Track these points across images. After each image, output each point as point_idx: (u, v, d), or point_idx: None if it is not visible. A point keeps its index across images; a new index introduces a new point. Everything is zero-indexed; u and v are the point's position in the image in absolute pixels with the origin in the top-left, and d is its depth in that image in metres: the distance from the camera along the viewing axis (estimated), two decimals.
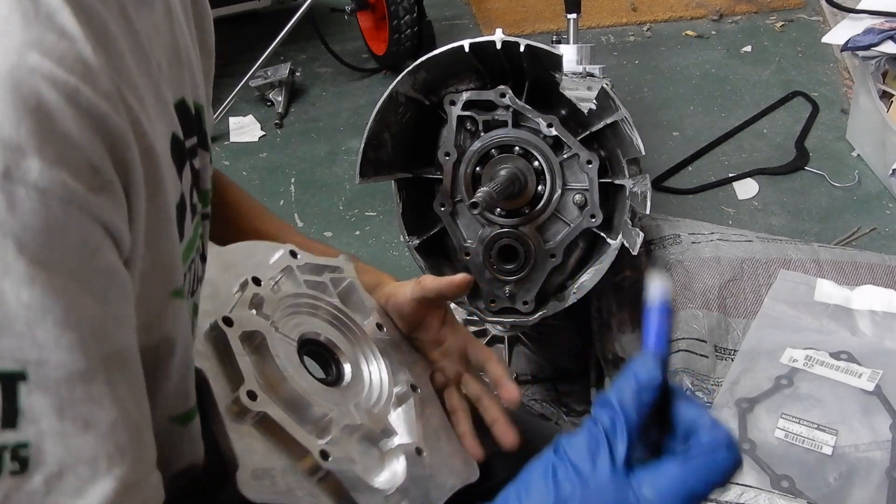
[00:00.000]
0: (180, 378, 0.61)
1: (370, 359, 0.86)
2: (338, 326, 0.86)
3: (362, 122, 1.63)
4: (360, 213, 2.26)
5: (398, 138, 1.63)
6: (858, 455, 1.40)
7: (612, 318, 1.77)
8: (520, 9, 3.03)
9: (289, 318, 0.82)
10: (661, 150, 2.35)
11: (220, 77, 2.93)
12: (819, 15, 2.87)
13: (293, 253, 0.87)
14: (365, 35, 2.85)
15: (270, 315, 0.79)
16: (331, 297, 0.87)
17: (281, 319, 0.80)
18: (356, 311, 0.89)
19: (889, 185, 2.13)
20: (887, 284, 1.68)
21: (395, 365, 0.87)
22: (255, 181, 2.40)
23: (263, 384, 0.73)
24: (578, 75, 1.66)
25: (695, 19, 2.93)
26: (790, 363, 1.55)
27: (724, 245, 1.77)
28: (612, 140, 1.57)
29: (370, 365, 0.86)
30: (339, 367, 0.84)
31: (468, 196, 1.61)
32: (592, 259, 1.64)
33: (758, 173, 2.26)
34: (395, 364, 0.87)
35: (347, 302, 0.89)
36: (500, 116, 1.59)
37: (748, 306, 1.68)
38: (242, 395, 0.69)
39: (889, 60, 2.13)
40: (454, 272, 1.74)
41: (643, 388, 0.57)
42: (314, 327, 0.84)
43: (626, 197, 1.55)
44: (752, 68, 2.67)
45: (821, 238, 2.00)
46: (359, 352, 0.86)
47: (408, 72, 1.56)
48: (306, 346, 0.82)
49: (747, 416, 1.48)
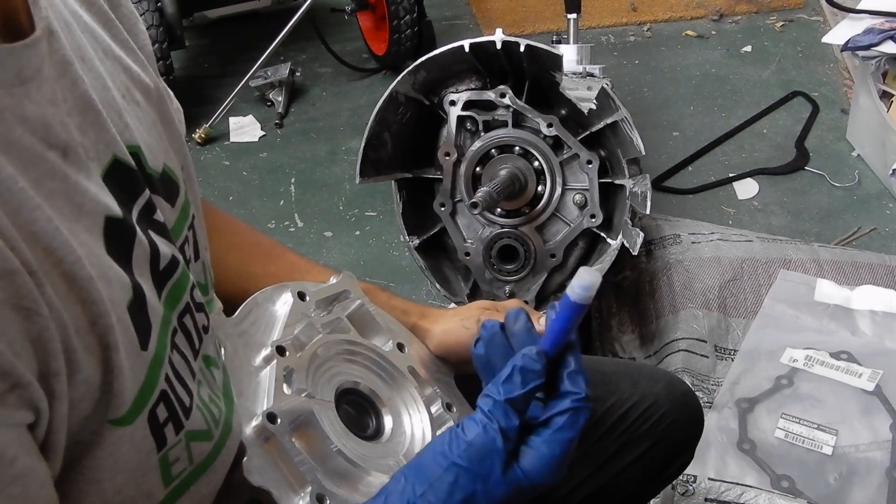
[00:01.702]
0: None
1: (408, 402, 0.84)
2: (368, 367, 0.83)
3: (362, 122, 1.63)
4: (360, 213, 2.26)
5: (398, 138, 1.63)
6: (858, 455, 1.40)
7: (612, 318, 1.77)
8: (520, 9, 3.03)
9: (320, 375, 0.79)
10: (661, 150, 2.34)
11: (221, 77, 2.93)
12: (819, 15, 2.87)
13: (301, 295, 0.82)
14: (365, 35, 2.84)
15: (305, 383, 0.75)
16: (348, 332, 0.84)
17: (315, 381, 0.77)
18: (371, 333, 0.86)
19: (889, 185, 2.13)
20: (887, 284, 1.68)
21: (423, 385, 0.85)
22: (255, 181, 2.40)
23: (319, 465, 0.71)
24: (578, 75, 1.66)
25: (695, 19, 2.93)
26: (790, 363, 1.55)
27: (724, 245, 1.77)
28: (612, 140, 1.57)
29: (409, 408, 0.83)
30: (380, 418, 0.81)
31: (468, 196, 1.61)
32: (592, 259, 1.64)
33: (758, 173, 2.26)
34: (423, 384, 0.85)
35: (362, 328, 0.86)
36: (500, 116, 1.59)
37: (748, 306, 1.68)
38: (312, 500, 0.69)
39: (889, 60, 2.13)
40: (454, 272, 1.76)
41: (529, 387, 0.62)
42: (348, 375, 0.81)
43: (626, 197, 1.55)
44: (752, 68, 2.67)
45: (821, 238, 2.00)
46: (396, 395, 0.83)
47: (408, 72, 1.56)
48: (343, 396, 0.80)
49: (747, 416, 1.48)
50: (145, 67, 0.67)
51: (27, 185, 0.49)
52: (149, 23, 2.32)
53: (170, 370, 0.58)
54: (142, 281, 0.56)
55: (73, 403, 0.50)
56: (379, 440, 0.80)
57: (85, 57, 0.59)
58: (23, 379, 0.46)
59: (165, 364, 0.57)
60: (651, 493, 1.07)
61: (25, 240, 0.47)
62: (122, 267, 0.55)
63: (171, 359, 0.58)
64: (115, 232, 0.55)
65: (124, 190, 0.58)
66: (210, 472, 0.64)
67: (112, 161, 0.57)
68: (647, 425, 0.96)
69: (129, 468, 0.55)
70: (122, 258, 0.55)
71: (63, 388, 0.49)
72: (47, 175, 0.51)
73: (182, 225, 0.66)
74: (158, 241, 0.60)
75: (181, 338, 0.61)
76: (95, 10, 0.64)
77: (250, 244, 0.94)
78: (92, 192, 0.54)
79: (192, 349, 0.63)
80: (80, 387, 0.50)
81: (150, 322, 0.56)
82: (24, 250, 0.47)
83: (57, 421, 0.50)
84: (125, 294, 0.54)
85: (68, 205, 0.52)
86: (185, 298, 0.62)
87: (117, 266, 0.54)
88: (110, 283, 0.53)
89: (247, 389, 0.73)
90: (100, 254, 0.53)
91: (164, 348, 0.58)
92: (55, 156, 0.52)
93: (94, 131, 0.56)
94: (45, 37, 0.53)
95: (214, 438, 0.63)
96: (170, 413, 0.57)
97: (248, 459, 0.67)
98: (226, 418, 0.66)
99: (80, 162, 0.54)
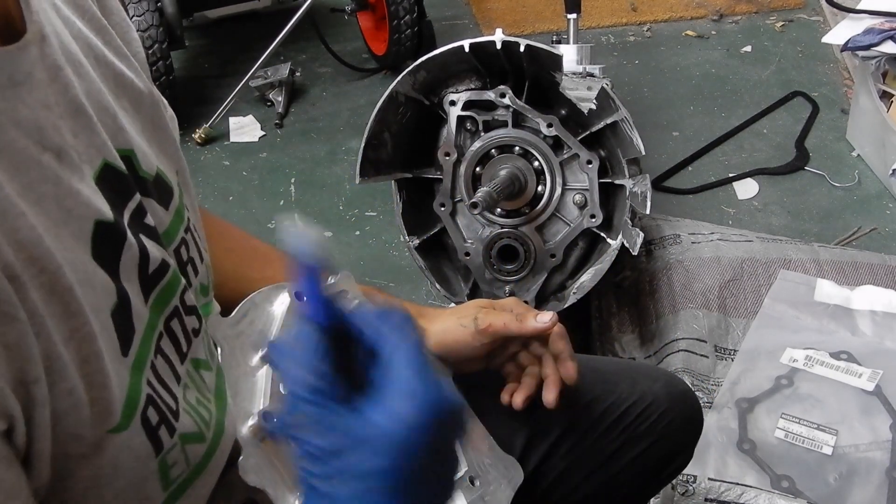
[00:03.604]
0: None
1: None
2: None
3: (362, 122, 1.63)
4: (360, 213, 2.26)
5: (398, 138, 1.63)
6: (858, 455, 1.40)
7: (612, 318, 1.77)
8: (520, 9, 3.03)
9: None
10: (661, 150, 2.34)
11: (221, 77, 2.93)
12: (819, 15, 2.87)
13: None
14: (365, 35, 2.84)
15: None
16: None
17: None
18: None
19: (889, 185, 2.13)
20: (887, 284, 1.68)
21: None
22: (255, 181, 2.40)
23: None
24: (578, 75, 1.65)
25: (695, 19, 2.93)
26: (790, 363, 1.55)
27: (724, 245, 1.77)
28: (612, 140, 1.57)
29: None
30: None
31: (468, 196, 1.61)
32: (592, 259, 1.64)
33: (758, 173, 2.26)
34: None
35: None
36: (500, 116, 1.59)
37: (748, 306, 1.68)
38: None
39: (889, 60, 2.13)
40: (454, 272, 1.76)
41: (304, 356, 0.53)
42: None
43: (626, 197, 1.55)
44: (752, 68, 2.67)
45: (821, 238, 2.00)
46: None
47: (408, 72, 1.56)
48: None
49: (747, 416, 1.48)
50: (138, 73, 0.68)
51: (14, 190, 0.49)
52: (149, 23, 2.32)
53: (152, 375, 0.58)
54: (128, 286, 0.56)
55: (59, 414, 0.50)
56: None
57: (77, 62, 0.59)
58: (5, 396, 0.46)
59: (147, 369, 0.57)
60: (650, 493, 1.07)
61: (10, 245, 0.47)
62: (108, 272, 0.55)
63: (153, 363, 0.58)
64: (104, 236, 0.55)
65: (116, 193, 0.58)
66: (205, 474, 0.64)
67: (103, 165, 0.58)
68: (645, 424, 0.96)
69: (129, 474, 0.56)
70: (108, 263, 0.55)
71: (44, 395, 0.49)
72: (40, 178, 0.51)
73: (177, 228, 0.66)
74: (149, 245, 0.60)
75: (167, 342, 0.61)
76: (88, 18, 0.65)
77: (246, 248, 0.93)
78: (84, 194, 0.54)
79: (178, 353, 0.63)
80: (65, 397, 0.50)
81: (134, 327, 0.56)
82: (8, 254, 0.47)
83: (40, 429, 0.49)
84: (109, 299, 0.54)
85: (58, 209, 0.52)
86: (173, 302, 0.62)
87: (102, 271, 0.54)
88: (94, 288, 0.53)
89: (243, 389, 0.72)
90: (85, 259, 0.53)
91: (146, 353, 0.58)
92: (50, 158, 0.52)
93: (86, 135, 0.57)
94: (36, 41, 0.54)
95: (207, 440, 0.63)
96: (160, 416, 0.57)
97: (243, 459, 0.67)
98: (217, 420, 0.66)
99: (73, 164, 0.54)
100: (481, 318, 0.88)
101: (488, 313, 0.89)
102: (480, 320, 0.88)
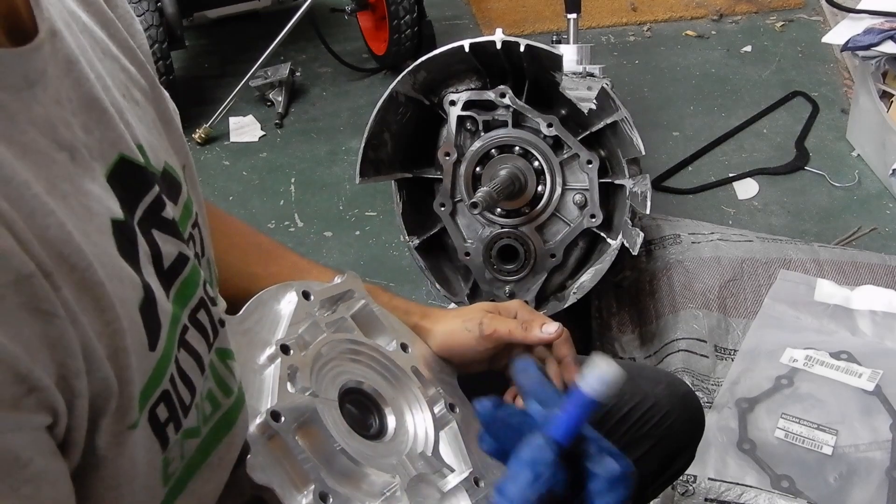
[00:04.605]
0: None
1: (412, 401, 0.83)
2: (371, 366, 0.83)
3: (362, 122, 1.63)
4: (360, 213, 2.26)
5: (398, 138, 1.63)
6: (858, 455, 1.40)
7: (612, 318, 1.77)
8: (520, 9, 3.03)
9: (324, 374, 0.78)
10: (661, 150, 2.34)
11: (221, 77, 2.93)
12: (819, 15, 2.87)
13: (306, 294, 0.82)
14: (365, 35, 2.84)
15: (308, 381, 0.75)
16: (353, 332, 0.84)
17: (319, 380, 0.77)
18: (375, 333, 0.86)
19: (889, 185, 2.13)
20: (887, 284, 1.68)
21: (427, 385, 0.84)
22: (255, 181, 2.40)
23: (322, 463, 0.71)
24: (578, 75, 1.65)
25: (695, 19, 2.93)
26: (790, 363, 1.55)
27: (724, 245, 1.77)
28: (612, 140, 1.57)
29: (412, 408, 0.83)
30: (383, 417, 0.81)
31: (468, 196, 1.61)
32: (592, 259, 1.64)
33: (758, 173, 2.26)
34: (427, 384, 0.85)
35: (366, 327, 0.86)
36: (500, 116, 1.59)
37: (748, 306, 1.68)
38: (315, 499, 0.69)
39: (889, 60, 2.13)
40: (454, 272, 1.76)
41: (543, 488, 0.60)
42: (352, 374, 0.81)
43: (626, 197, 1.55)
44: (752, 68, 2.67)
45: (821, 238, 2.00)
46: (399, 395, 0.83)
47: (408, 72, 1.56)
48: (347, 395, 0.79)
49: (747, 416, 1.48)
50: (143, 67, 0.67)
51: (41, 189, 0.49)
52: (149, 23, 2.32)
53: (175, 370, 0.58)
54: (150, 281, 0.56)
55: (94, 405, 0.51)
56: (382, 440, 0.80)
57: (86, 56, 0.59)
58: (40, 383, 0.46)
59: (172, 364, 0.57)
60: (651, 494, 1.07)
61: (41, 244, 0.47)
62: (133, 267, 0.55)
63: (177, 357, 0.58)
64: (121, 234, 0.55)
65: (130, 189, 0.57)
66: (206, 469, 0.63)
67: (118, 160, 0.57)
68: (647, 426, 0.96)
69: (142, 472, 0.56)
70: (131, 259, 0.55)
71: (84, 386, 0.49)
72: (60, 177, 0.51)
73: (185, 223, 0.66)
74: (163, 240, 0.60)
75: (194, 334, 0.61)
76: (94, 10, 0.64)
77: (251, 245, 0.93)
78: (96, 194, 0.54)
79: (206, 343, 0.63)
80: (100, 388, 0.51)
81: (161, 322, 0.56)
82: (40, 253, 0.47)
83: (78, 419, 0.50)
84: (136, 294, 0.54)
85: (80, 207, 0.52)
86: (198, 294, 0.62)
87: (129, 267, 0.54)
88: (122, 283, 0.53)
89: (251, 387, 0.73)
90: (112, 254, 0.53)
91: (172, 347, 0.58)
92: (65, 158, 0.52)
93: (100, 130, 0.56)
94: (49, 38, 0.54)
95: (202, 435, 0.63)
96: (170, 413, 0.57)
97: (251, 457, 0.67)
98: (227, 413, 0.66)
99: (84, 164, 0.54)
100: (486, 324, 0.88)
101: (493, 318, 0.89)
102: (486, 325, 0.88)
